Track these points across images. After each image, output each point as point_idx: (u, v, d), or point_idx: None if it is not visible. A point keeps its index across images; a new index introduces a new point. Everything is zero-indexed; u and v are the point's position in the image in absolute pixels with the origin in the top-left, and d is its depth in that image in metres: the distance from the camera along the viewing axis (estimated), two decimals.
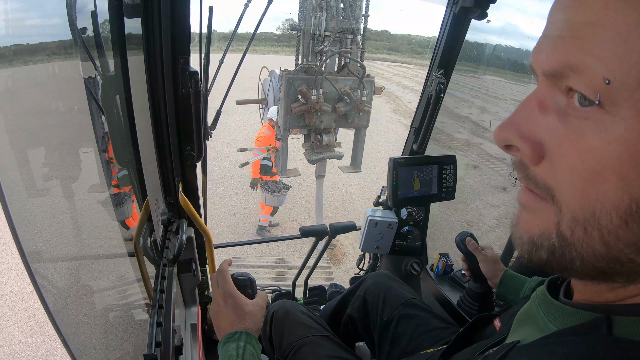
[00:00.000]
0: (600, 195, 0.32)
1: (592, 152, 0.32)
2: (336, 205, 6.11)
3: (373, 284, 1.34)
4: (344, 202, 6.24)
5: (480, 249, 1.31)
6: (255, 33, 1.86)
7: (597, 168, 0.32)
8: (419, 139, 1.67)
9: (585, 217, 0.34)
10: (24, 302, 3.28)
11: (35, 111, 0.94)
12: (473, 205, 3.10)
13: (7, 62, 0.73)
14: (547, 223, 0.37)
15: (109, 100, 0.91)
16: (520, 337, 0.48)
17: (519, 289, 1.16)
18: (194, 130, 1.15)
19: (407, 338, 1.15)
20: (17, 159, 0.78)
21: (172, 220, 1.18)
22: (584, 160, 0.32)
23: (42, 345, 2.88)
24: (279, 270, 3.92)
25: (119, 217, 1.19)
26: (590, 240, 0.34)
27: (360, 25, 3.25)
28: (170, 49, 1.00)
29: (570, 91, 0.34)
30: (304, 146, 3.71)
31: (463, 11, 1.41)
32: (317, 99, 3.01)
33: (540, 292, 0.49)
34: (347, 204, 6.15)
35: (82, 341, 0.95)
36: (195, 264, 1.36)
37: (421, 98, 1.66)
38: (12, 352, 2.87)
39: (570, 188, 0.34)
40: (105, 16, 0.75)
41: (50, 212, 0.95)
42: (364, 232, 1.73)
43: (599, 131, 0.31)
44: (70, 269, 1.00)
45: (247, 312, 0.91)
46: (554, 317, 0.44)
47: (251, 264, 4.03)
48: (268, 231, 5.19)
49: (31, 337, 2.96)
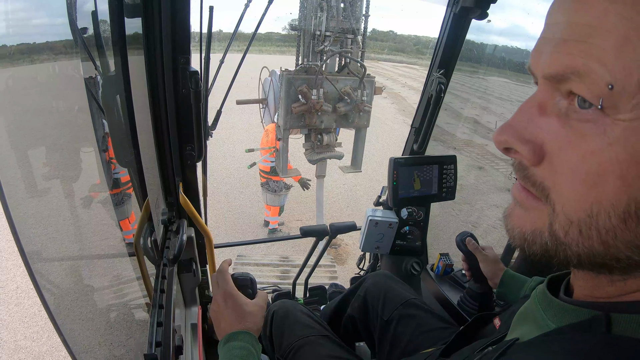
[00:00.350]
0: (600, 197, 0.32)
1: (593, 154, 0.32)
2: (341, 205, 6.14)
3: (373, 283, 1.34)
4: (349, 201, 6.26)
5: (481, 249, 1.31)
6: (255, 33, 1.86)
7: (598, 170, 0.32)
8: (420, 138, 1.67)
9: (581, 218, 0.34)
10: (29, 298, 3.31)
11: (35, 111, 0.95)
12: (477, 206, 3.10)
13: (8, 62, 0.73)
14: (539, 222, 0.38)
15: (109, 100, 0.91)
16: (520, 335, 0.49)
17: (519, 289, 1.16)
18: (195, 130, 1.15)
19: (407, 338, 1.15)
20: (17, 159, 0.78)
21: (172, 220, 1.17)
22: (585, 162, 0.33)
23: (47, 341, 2.90)
24: (283, 268, 3.92)
25: (120, 217, 1.20)
26: (586, 241, 0.34)
27: (361, 25, 3.25)
28: (171, 49, 1.00)
29: (571, 94, 0.34)
30: (305, 146, 3.71)
31: (463, 11, 1.41)
32: (317, 99, 3.01)
33: (540, 290, 0.49)
34: (352, 204, 6.18)
35: (82, 341, 0.95)
36: (195, 263, 1.36)
37: (421, 98, 1.66)
38: (17, 347, 2.90)
39: (568, 189, 0.35)
40: (106, 16, 0.75)
41: (51, 211, 0.95)
42: (364, 232, 1.73)
43: (599, 133, 0.32)
44: (70, 269, 1.00)
45: (247, 312, 0.91)
46: (553, 315, 0.44)
47: (255, 262, 4.04)
48: (280, 232, 5.18)
49: (36, 332, 2.98)
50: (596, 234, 0.33)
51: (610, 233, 0.33)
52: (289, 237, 3.72)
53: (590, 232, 0.34)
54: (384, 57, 6.61)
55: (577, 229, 0.34)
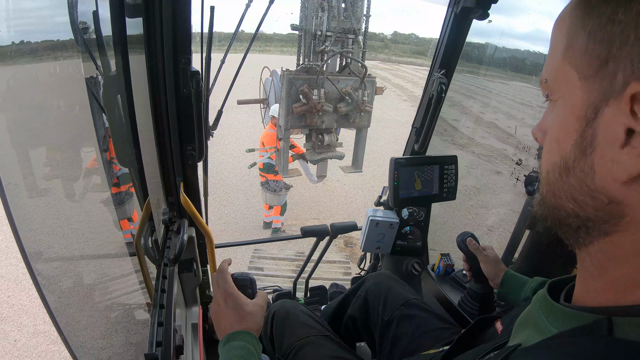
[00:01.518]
0: (552, 158, 0.44)
1: (549, 128, 0.46)
2: (358, 205, 6.19)
3: (374, 284, 1.34)
4: (366, 202, 6.30)
5: (482, 249, 1.30)
6: (256, 33, 1.86)
7: (550, 138, 0.45)
8: (420, 139, 1.67)
9: (545, 177, 0.45)
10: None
11: (36, 111, 0.95)
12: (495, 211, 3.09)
13: (9, 61, 0.73)
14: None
15: (110, 100, 0.91)
16: (522, 340, 0.49)
17: (520, 289, 1.16)
18: (195, 130, 1.15)
19: (408, 338, 1.15)
20: (18, 158, 0.78)
21: (173, 220, 1.17)
22: (548, 134, 0.46)
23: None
24: (298, 263, 3.95)
25: (121, 216, 1.20)
26: (549, 195, 0.45)
27: (362, 26, 3.24)
28: (172, 49, 1.00)
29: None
30: (305, 146, 3.71)
31: (464, 11, 1.41)
32: (318, 99, 3.00)
33: (541, 295, 0.49)
34: (363, 205, 6.22)
35: (83, 340, 0.95)
36: (196, 263, 1.36)
37: (422, 98, 1.66)
38: (36, 331, 3.00)
39: (544, 156, 0.46)
40: (107, 16, 0.75)
41: (51, 211, 0.95)
42: (365, 232, 1.73)
43: (549, 112, 0.46)
44: (71, 269, 1.01)
45: (247, 312, 0.91)
46: (554, 320, 0.44)
47: (272, 256, 4.10)
48: (283, 231, 5.18)
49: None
50: (550, 189, 0.44)
51: (557, 186, 0.43)
52: (290, 237, 3.72)
53: (548, 187, 0.44)
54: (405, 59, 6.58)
55: (545, 186, 0.45)
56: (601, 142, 0.37)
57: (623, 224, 0.37)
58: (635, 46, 0.34)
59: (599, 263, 0.41)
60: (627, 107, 0.34)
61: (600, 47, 0.37)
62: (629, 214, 0.37)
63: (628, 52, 0.35)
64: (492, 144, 3.74)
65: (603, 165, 0.37)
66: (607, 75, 0.36)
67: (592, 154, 0.38)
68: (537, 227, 1.58)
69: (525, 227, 1.64)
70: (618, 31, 0.35)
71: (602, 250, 0.41)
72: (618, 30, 0.35)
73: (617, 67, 0.35)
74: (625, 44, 0.35)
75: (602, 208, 0.38)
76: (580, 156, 0.39)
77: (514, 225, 1.69)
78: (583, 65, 0.39)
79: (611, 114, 0.36)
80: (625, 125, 0.35)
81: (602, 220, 0.39)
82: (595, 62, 0.37)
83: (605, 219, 0.39)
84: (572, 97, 0.40)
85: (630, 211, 0.37)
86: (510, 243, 1.74)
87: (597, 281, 0.42)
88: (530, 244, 1.63)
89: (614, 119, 0.36)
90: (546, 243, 1.52)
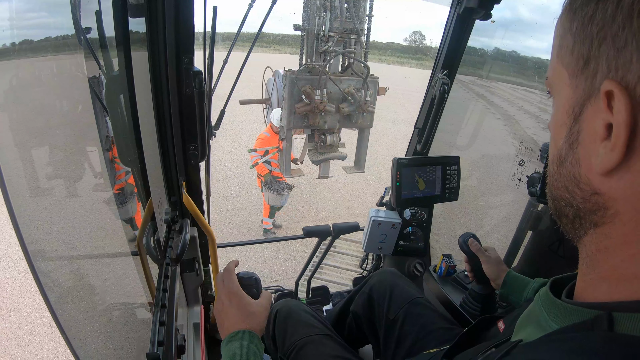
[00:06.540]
0: (552, 150, 0.47)
1: (550, 121, 0.48)
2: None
3: (379, 281, 1.34)
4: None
5: (483, 250, 1.30)
6: (259, 33, 1.86)
7: (551, 131, 0.47)
8: (423, 139, 1.66)
9: (549, 168, 0.48)
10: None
11: (39, 110, 0.95)
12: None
13: (12, 61, 0.73)
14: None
15: (113, 99, 0.91)
16: (523, 337, 0.49)
17: (522, 290, 1.16)
18: (198, 130, 1.15)
19: (413, 338, 1.14)
20: (21, 158, 0.78)
21: (175, 220, 1.18)
22: (550, 126, 0.48)
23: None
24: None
25: (123, 216, 1.20)
26: (550, 186, 0.47)
27: (364, 26, 3.24)
28: (175, 49, 1.00)
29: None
30: (308, 146, 3.70)
31: (467, 12, 1.41)
32: (321, 99, 3.00)
33: (543, 292, 0.50)
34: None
35: (84, 339, 0.95)
36: (198, 263, 1.36)
37: (425, 99, 1.66)
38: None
39: (549, 146, 0.49)
40: (110, 16, 0.75)
41: (54, 211, 0.95)
42: (367, 233, 1.73)
43: (552, 108, 0.48)
44: (73, 268, 1.01)
45: (251, 312, 0.91)
46: (556, 316, 0.45)
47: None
48: (273, 232, 5.19)
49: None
50: (551, 180, 0.47)
51: (555, 177, 0.45)
52: (291, 237, 3.72)
53: (550, 179, 0.47)
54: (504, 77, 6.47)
55: (549, 178, 0.48)
56: (585, 137, 0.40)
57: (609, 215, 0.39)
58: (609, 45, 0.36)
59: (592, 254, 0.43)
60: (604, 103, 0.37)
61: (582, 48, 0.39)
62: (612, 207, 0.39)
63: (604, 51, 0.37)
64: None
65: (587, 158, 0.40)
66: (590, 74, 0.39)
67: (577, 148, 0.41)
68: (539, 228, 1.58)
69: (527, 228, 1.63)
70: (596, 31, 0.37)
71: (594, 242, 0.42)
72: (596, 30, 0.37)
73: (597, 66, 0.38)
74: (601, 44, 0.37)
75: (588, 198, 0.41)
76: (569, 150, 0.42)
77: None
78: (571, 65, 0.41)
79: (593, 110, 0.39)
80: (605, 120, 0.37)
81: (590, 210, 0.41)
82: (580, 61, 0.40)
83: (592, 209, 0.41)
84: (564, 95, 0.43)
85: (613, 203, 0.38)
86: (512, 244, 1.74)
87: (591, 274, 0.43)
88: (532, 245, 1.62)
89: (595, 115, 0.38)
90: (548, 244, 1.52)
